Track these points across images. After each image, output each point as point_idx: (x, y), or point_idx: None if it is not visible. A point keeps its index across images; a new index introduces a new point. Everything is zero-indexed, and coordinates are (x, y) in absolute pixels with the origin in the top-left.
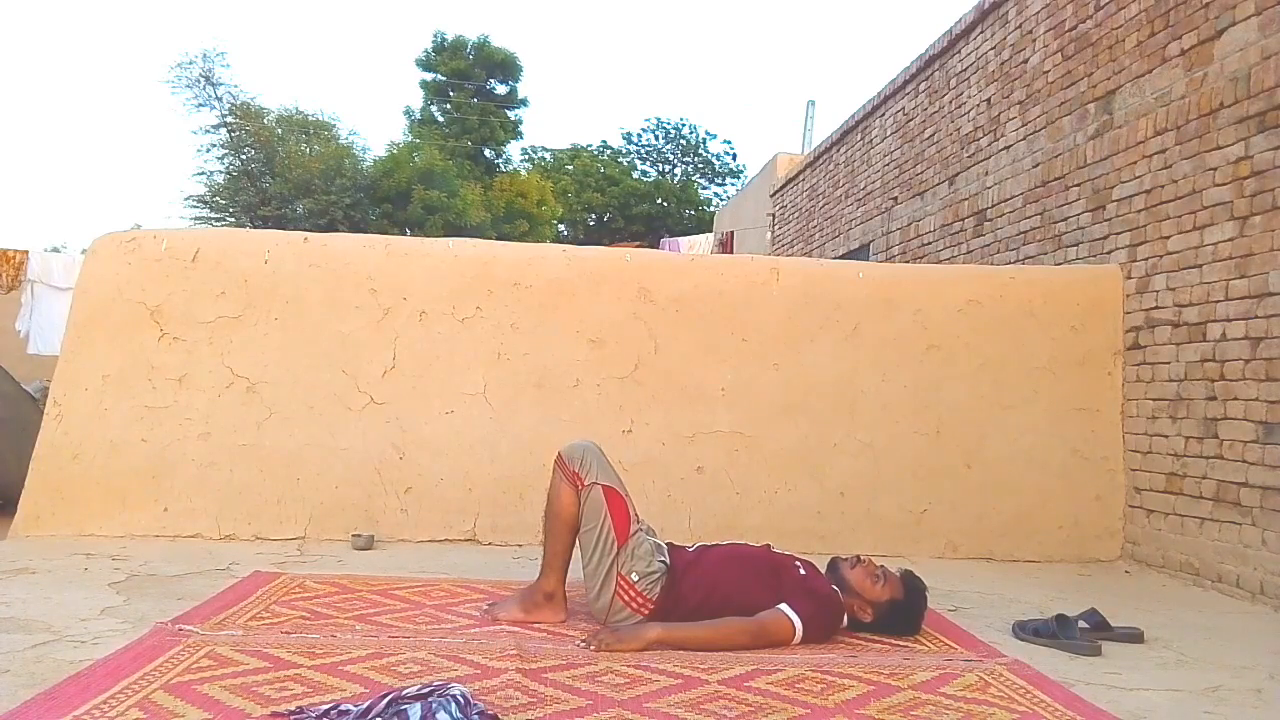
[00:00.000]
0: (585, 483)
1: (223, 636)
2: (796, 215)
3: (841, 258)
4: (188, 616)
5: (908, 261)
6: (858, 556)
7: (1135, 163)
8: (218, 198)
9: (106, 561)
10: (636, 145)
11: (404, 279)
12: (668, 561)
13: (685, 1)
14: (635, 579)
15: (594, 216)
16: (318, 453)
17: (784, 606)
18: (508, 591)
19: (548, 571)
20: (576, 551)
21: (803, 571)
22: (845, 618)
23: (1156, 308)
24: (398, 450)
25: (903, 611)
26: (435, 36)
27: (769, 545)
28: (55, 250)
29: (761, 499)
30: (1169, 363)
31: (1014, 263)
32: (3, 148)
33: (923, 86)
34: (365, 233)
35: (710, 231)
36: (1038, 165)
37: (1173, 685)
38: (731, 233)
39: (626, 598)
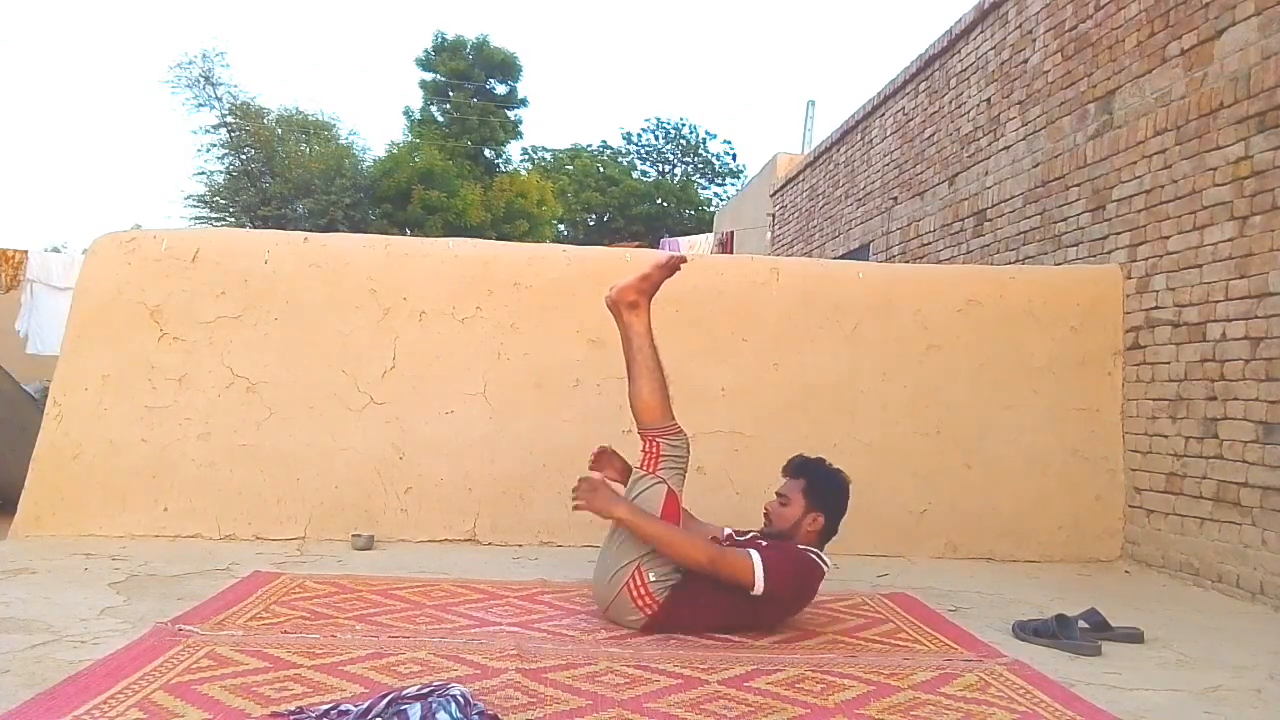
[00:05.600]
0: (656, 470)
1: (223, 636)
2: (796, 215)
3: (841, 258)
4: (188, 616)
5: (908, 261)
6: (765, 517)
7: (1135, 163)
8: (218, 198)
9: (106, 561)
10: (636, 145)
11: (404, 279)
12: (684, 574)
13: (685, 1)
14: (651, 579)
15: (594, 216)
16: (318, 453)
17: (750, 549)
18: (507, 591)
19: None
20: (579, 553)
21: (764, 543)
22: (822, 566)
23: (1156, 308)
24: (398, 450)
25: (820, 486)
26: (435, 36)
27: (731, 532)
28: (55, 250)
29: (761, 499)
30: (1169, 363)
31: (1014, 263)
32: (3, 148)
33: (923, 86)
34: (365, 233)
35: (710, 231)
36: (1038, 165)
37: (1173, 685)
38: (731, 233)
39: (635, 592)
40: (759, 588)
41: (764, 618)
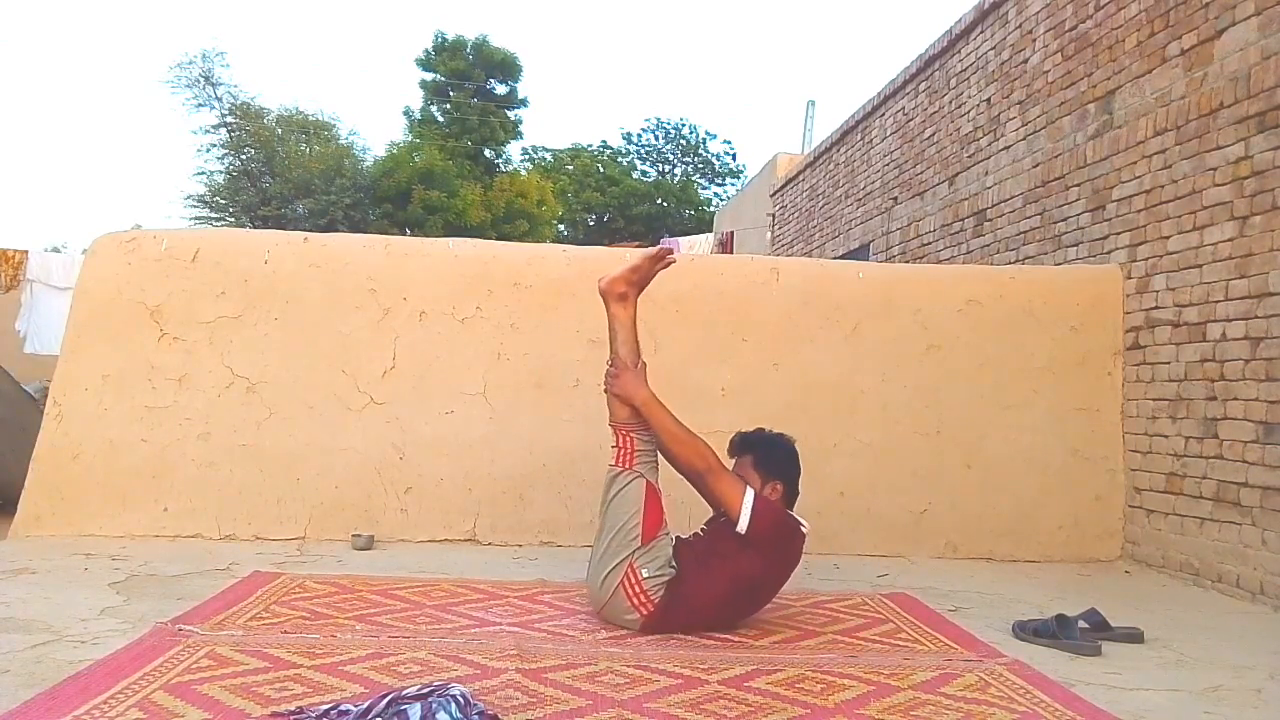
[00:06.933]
0: (632, 465)
1: (223, 636)
2: (796, 215)
3: (841, 258)
4: (188, 616)
5: (908, 261)
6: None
7: (1135, 163)
8: (218, 198)
9: (106, 561)
10: (636, 145)
11: (404, 279)
12: (677, 569)
13: (685, 1)
14: (645, 575)
15: (594, 216)
16: (318, 453)
17: (748, 486)
18: (507, 591)
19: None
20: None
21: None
22: (800, 528)
23: (1156, 308)
24: (398, 450)
25: (767, 455)
26: (435, 36)
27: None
28: (55, 250)
29: None
30: (1169, 363)
31: (1014, 263)
32: (3, 148)
33: (923, 86)
34: (365, 233)
35: (710, 231)
36: (1038, 165)
37: (1173, 685)
38: (731, 233)
39: (631, 591)
40: (743, 524)
41: (758, 595)
